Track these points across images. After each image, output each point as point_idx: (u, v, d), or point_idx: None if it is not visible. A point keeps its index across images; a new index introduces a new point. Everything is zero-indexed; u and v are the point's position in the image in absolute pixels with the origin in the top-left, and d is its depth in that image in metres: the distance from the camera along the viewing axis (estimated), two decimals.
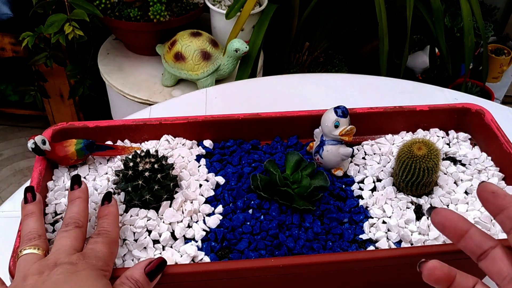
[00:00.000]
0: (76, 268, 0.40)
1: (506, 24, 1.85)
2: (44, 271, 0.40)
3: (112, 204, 0.48)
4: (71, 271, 0.39)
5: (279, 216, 0.52)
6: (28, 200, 0.47)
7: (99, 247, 0.43)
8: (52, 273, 0.39)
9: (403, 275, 0.53)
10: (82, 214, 0.46)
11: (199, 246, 0.50)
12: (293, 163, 0.57)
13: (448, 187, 0.57)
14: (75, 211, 0.46)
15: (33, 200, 0.47)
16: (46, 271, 0.39)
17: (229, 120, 0.61)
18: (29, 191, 0.47)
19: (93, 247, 0.43)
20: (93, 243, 0.44)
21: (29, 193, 0.47)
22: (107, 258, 0.43)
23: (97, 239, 0.44)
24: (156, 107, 0.80)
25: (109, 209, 0.48)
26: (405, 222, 0.53)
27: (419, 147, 0.53)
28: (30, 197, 0.47)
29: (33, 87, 1.43)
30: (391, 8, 1.48)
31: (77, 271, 0.39)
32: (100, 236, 0.44)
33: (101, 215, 0.47)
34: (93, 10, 1.05)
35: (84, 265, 0.40)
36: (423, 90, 0.87)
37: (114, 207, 0.48)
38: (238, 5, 1.08)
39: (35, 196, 0.47)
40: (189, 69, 1.09)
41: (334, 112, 0.56)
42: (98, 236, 0.44)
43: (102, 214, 0.47)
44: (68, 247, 0.42)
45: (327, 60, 1.60)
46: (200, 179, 0.57)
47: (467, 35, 1.15)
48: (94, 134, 0.59)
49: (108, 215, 0.47)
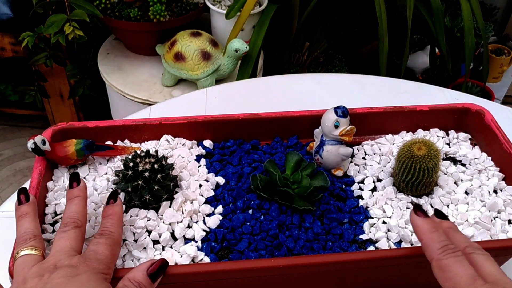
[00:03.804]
0: (77, 271, 0.39)
1: (506, 24, 1.85)
2: (44, 274, 0.39)
3: (117, 204, 0.48)
4: (72, 274, 0.39)
5: (279, 216, 0.52)
6: (21, 202, 0.46)
7: (101, 248, 0.43)
8: (52, 276, 0.39)
9: (403, 275, 0.52)
10: (81, 214, 0.46)
11: (199, 247, 0.50)
12: (293, 163, 0.57)
13: (448, 187, 0.57)
14: (74, 210, 0.46)
15: (26, 201, 0.46)
16: (46, 274, 0.39)
17: (229, 120, 0.61)
18: (22, 192, 0.47)
19: (95, 249, 0.42)
20: (95, 244, 0.43)
21: (22, 194, 0.47)
22: (109, 260, 0.42)
23: (100, 240, 0.43)
24: (156, 107, 0.80)
25: (113, 209, 0.47)
26: (405, 222, 0.53)
27: (419, 147, 0.53)
28: (24, 198, 0.47)
29: (33, 87, 1.43)
30: (391, 8, 1.48)
31: (78, 274, 0.39)
32: (103, 237, 0.44)
33: (105, 214, 0.47)
34: (93, 10, 1.05)
35: (84, 268, 0.40)
36: (423, 90, 0.87)
37: (119, 207, 0.48)
38: (238, 5, 1.08)
39: (28, 197, 0.47)
40: (189, 69, 1.09)
41: (334, 112, 0.56)
42: (101, 237, 0.44)
43: (106, 214, 0.47)
44: (68, 248, 0.42)
45: (327, 60, 1.60)
46: (200, 179, 0.57)
47: (467, 35, 1.15)
48: (94, 134, 0.59)
49: (112, 215, 0.46)
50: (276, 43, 1.47)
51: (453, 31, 1.53)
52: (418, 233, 0.43)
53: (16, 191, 0.64)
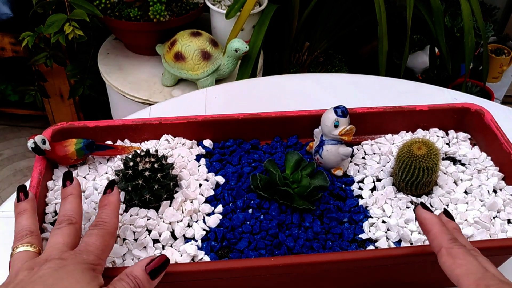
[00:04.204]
0: (65, 263, 0.39)
1: (506, 24, 1.85)
2: (34, 267, 0.39)
3: (114, 193, 0.47)
4: (59, 266, 0.39)
5: (279, 216, 0.52)
6: (20, 199, 0.47)
7: (93, 240, 0.42)
8: (40, 268, 0.39)
9: (403, 275, 0.53)
10: (75, 211, 0.46)
11: (199, 246, 0.50)
12: (293, 162, 0.57)
13: (448, 186, 0.57)
14: (68, 208, 0.45)
15: (25, 198, 0.47)
16: (36, 267, 0.39)
17: (229, 120, 0.61)
18: (21, 190, 0.47)
19: (87, 240, 0.42)
20: (87, 235, 0.43)
21: (21, 192, 0.47)
22: (99, 251, 0.42)
23: (92, 231, 0.43)
24: (156, 107, 0.80)
25: (109, 199, 0.46)
26: (405, 221, 0.53)
27: (418, 147, 0.53)
28: (23, 196, 0.47)
29: (33, 87, 1.43)
30: (391, 8, 1.48)
31: (65, 265, 0.39)
32: (96, 228, 0.43)
33: (101, 204, 0.46)
34: (93, 10, 1.05)
35: (73, 260, 0.40)
36: (423, 90, 0.87)
37: (114, 196, 0.47)
38: (238, 5, 1.08)
39: (27, 194, 0.47)
40: (189, 69, 1.09)
41: (334, 112, 0.56)
42: (94, 228, 0.43)
43: (102, 204, 0.46)
44: (60, 244, 0.42)
45: (327, 60, 1.60)
46: (200, 178, 0.57)
47: (467, 35, 1.15)
48: (94, 133, 0.59)
49: (108, 205, 0.46)
50: (276, 43, 1.47)
51: (453, 31, 1.53)
52: (427, 224, 0.43)
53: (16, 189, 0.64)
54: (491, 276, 0.37)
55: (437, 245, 0.41)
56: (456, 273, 0.38)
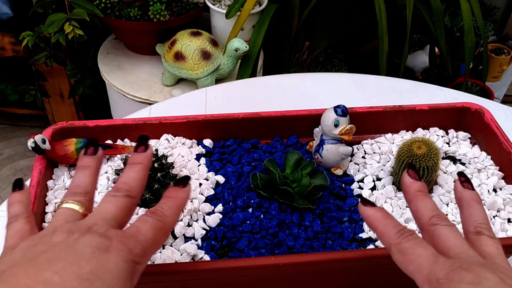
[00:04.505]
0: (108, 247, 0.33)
1: (506, 24, 1.85)
2: (74, 232, 0.34)
3: (185, 190, 0.40)
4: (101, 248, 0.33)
5: (279, 215, 0.53)
6: (88, 153, 0.41)
7: (146, 228, 0.35)
8: (81, 239, 0.33)
9: (403, 274, 0.53)
10: (138, 183, 0.39)
11: (199, 245, 0.50)
12: (293, 162, 0.57)
13: (448, 186, 0.57)
14: (132, 178, 0.38)
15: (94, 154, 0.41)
16: (76, 233, 0.34)
17: (229, 119, 0.61)
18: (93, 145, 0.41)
19: (139, 226, 0.36)
20: (141, 220, 0.36)
21: (91, 147, 0.41)
22: (149, 245, 0.35)
23: (148, 219, 0.36)
24: (156, 107, 0.80)
25: (177, 193, 0.39)
26: (405, 221, 0.53)
27: (418, 146, 0.53)
28: (92, 151, 0.41)
29: (33, 86, 1.43)
30: (391, 7, 1.48)
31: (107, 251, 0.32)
32: (152, 217, 0.36)
33: (167, 194, 0.39)
34: (93, 9, 1.05)
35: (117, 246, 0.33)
36: (423, 89, 0.87)
37: (185, 193, 0.40)
38: (238, 4, 1.08)
39: (97, 151, 0.41)
40: (189, 68, 1.09)
41: (334, 111, 0.56)
42: (151, 215, 0.37)
43: (168, 195, 0.39)
44: (110, 214, 0.36)
45: (327, 59, 1.60)
46: (200, 178, 0.57)
47: (467, 34, 1.15)
48: (94, 133, 0.59)
49: (173, 199, 0.39)
50: (276, 43, 1.47)
51: (453, 31, 1.53)
52: (371, 222, 0.39)
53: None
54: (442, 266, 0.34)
55: (386, 243, 0.37)
56: (409, 271, 0.36)
